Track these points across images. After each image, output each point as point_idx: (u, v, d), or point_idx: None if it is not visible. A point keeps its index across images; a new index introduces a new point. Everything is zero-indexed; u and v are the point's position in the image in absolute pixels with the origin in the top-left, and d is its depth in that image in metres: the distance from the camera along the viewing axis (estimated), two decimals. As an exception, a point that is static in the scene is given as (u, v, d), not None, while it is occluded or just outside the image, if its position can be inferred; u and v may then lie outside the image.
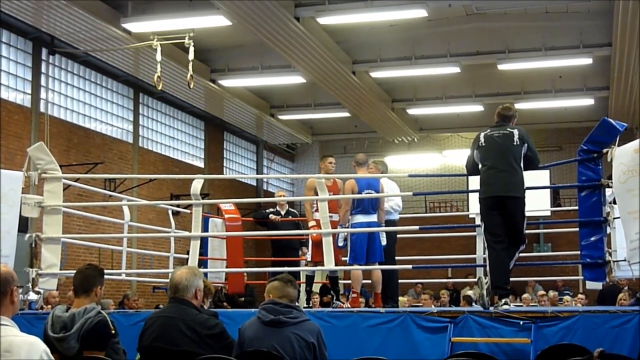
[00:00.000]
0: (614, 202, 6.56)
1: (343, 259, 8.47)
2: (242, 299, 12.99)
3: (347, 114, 20.16)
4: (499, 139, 6.52)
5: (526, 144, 6.50)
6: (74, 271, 5.20)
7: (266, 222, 10.51)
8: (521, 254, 6.71)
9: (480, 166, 6.60)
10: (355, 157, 8.38)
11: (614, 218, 6.72)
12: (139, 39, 13.42)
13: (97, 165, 15.42)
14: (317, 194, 7.96)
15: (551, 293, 13.34)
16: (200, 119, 20.73)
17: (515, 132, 6.52)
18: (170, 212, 11.35)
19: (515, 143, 6.47)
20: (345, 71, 16.12)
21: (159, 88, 10.94)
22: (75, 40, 14.50)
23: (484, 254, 6.65)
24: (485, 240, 6.55)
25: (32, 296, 8.06)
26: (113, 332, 4.84)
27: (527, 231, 6.56)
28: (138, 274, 13.59)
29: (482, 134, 6.63)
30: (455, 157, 22.82)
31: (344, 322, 6.33)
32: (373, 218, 7.90)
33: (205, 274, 8.48)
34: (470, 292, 12.53)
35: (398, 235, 8.74)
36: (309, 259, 8.74)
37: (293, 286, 4.89)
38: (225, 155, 22.18)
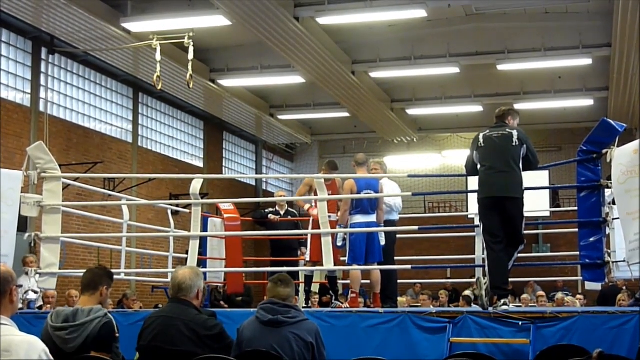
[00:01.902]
0: (613, 203, 6.56)
1: (342, 259, 8.47)
2: (240, 298, 13.01)
3: (346, 114, 20.15)
4: (498, 139, 6.51)
5: (525, 145, 6.50)
6: (73, 271, 5.21)
7: (265, 222, 10.51)
8: (520, 255, 6.70)
9: (479, 167, 6.61)
10: (354, 157, 8.35)
11: (613, 219, 6.72)
12: (138, 38, 13.42)
13: (97, 164, 15.40)
14: (314, 191, 7.96)
15: (559, 295, 13.02)
16: (199, 119, 20.71)
17: (515, 133, 6.52)
18: (169, 211, 11.36)
19: (514, 144, 6.46)
20: (344, 71, 16.11)
21: (159, 88, 10.93)
22: (75, 40, 14.50)
23: (483, 254, 6.64)
24: (484, 241, 6.55)
25: (31, 295, 8.05)
26: (117, 335, 4.82)
27: (526, 232, 6.55)
28: (137, 273, 13.59)
29: (482, 135, 6.63)
30: (454, 157, 22.77)
31: (343, 322, 6.33)
32: (372, 218, 7.90)
33: (205, 274, 8.50)
34: (469, 293, 12.49)
35: (397, 236, 8.74)
36: (308, 259, 8.74)
37: (291, 286, 4.89)
38: (224, 155, 22.16)
